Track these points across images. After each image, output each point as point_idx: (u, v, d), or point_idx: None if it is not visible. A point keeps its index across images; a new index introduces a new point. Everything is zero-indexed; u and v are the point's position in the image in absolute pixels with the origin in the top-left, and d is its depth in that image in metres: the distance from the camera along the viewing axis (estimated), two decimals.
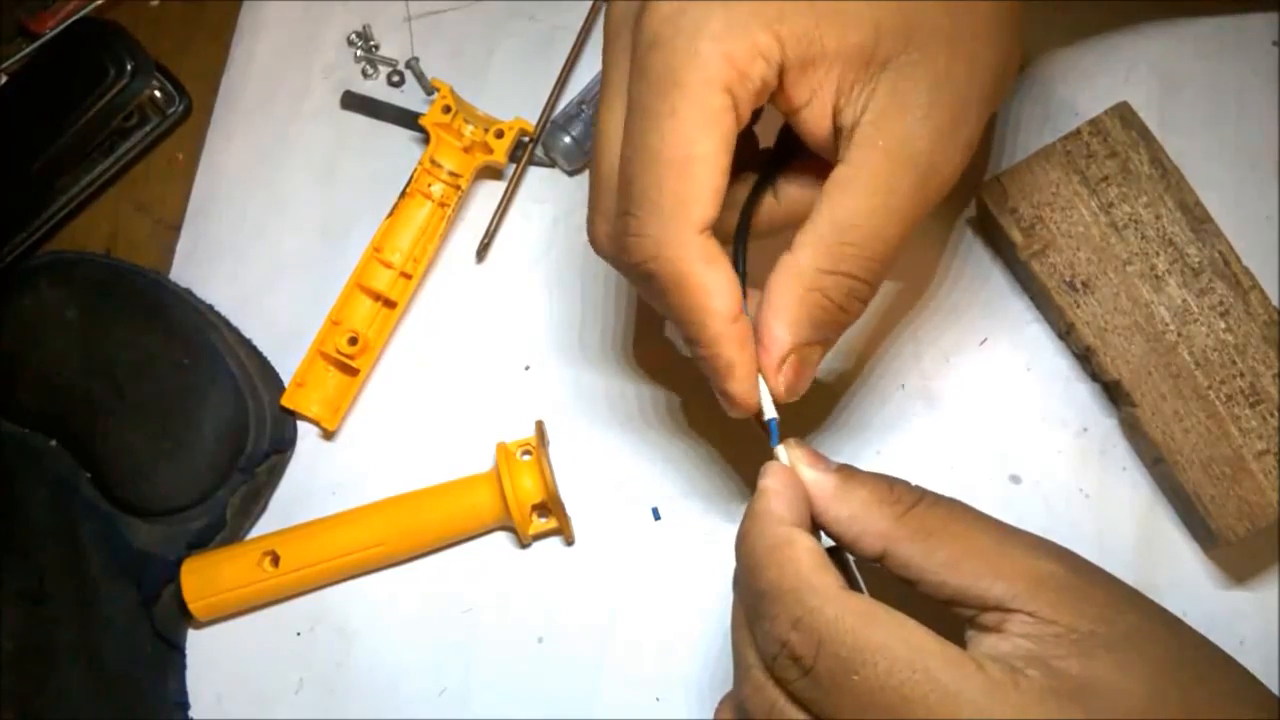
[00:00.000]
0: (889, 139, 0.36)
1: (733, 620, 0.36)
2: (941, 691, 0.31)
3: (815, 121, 0.37)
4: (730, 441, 0.51)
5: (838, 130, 0.37)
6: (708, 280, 0.36)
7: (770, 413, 0.38)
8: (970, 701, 0.30)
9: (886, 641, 0.31)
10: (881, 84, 0.36)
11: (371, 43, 0.60)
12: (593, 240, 0.41)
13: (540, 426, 0.51)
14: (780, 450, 0.38)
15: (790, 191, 0.41)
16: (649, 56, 0.36)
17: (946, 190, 0.38)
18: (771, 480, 0.36)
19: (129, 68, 0.54)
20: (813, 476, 0.36)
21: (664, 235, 0.36)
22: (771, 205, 0.41)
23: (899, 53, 0.36)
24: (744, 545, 0.35)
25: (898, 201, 0.36)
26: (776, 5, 0.35)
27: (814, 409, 0.50)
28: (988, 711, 0.30)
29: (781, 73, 0.36)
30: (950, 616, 0.34)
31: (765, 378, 0.37)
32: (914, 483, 0.37)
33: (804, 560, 0.33)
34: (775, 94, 0.37)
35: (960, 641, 0.33)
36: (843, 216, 0.36)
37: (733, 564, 0.38)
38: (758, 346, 0.37)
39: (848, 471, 0.37)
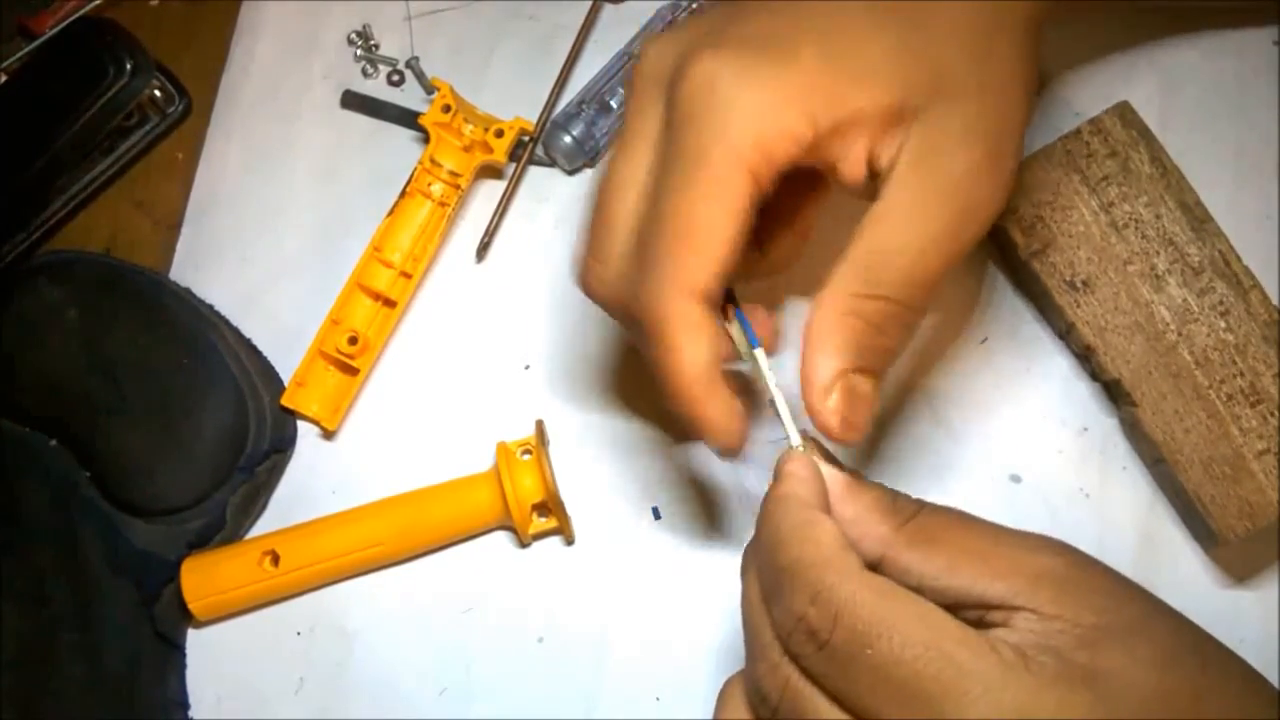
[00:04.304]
0: (925, 177, 0.37)
1: (746, 602, 0.36)
2: (955, 669, 0.31)
3: (850, 172, 0.38)
4: None
5: (873, 175, 0.38)
6: (682, 341, 0.37)
7: (795, 439, 0.38)
8: (983, 680, 0.31)
9: (902, 618, 0.32)
10: (914, 133, 0.37)
11: (371, 42, 0.60)
12: (582, 280, 0.42)
13: (540, 426, 0.51)
14: (800, 445, 0.38)
15: (776, 243, 0.43)
16: (683, 131, 0.37)
17: (991, 220, 0.39)
18: (796, 466, 0.37)
19: (129, 67, 0.54)
20: (828, 473, 0.37)
21: (655, 293, 0.37)
22: (755, 257, 0.43)
23: (929, 105, 0.37)
24: (767, 523, 0.36)
25: (936, 229, 0.37)
26: (805, 78, 0.36)
27: None
28: (1000, 690, 0.30)
29: (813, 142, 0.37)
30: None
31: (813, 412, 0.37)
32: (914, 495, 0.37)
33: (827, 539, 0.34)
34: (809, 152, 0.38)
35: None
36: (878, 245, 0.37)
37: (733, 564, 0.38)
38: (802, 383, 0.37)
39: (856, 475, 0.38)
